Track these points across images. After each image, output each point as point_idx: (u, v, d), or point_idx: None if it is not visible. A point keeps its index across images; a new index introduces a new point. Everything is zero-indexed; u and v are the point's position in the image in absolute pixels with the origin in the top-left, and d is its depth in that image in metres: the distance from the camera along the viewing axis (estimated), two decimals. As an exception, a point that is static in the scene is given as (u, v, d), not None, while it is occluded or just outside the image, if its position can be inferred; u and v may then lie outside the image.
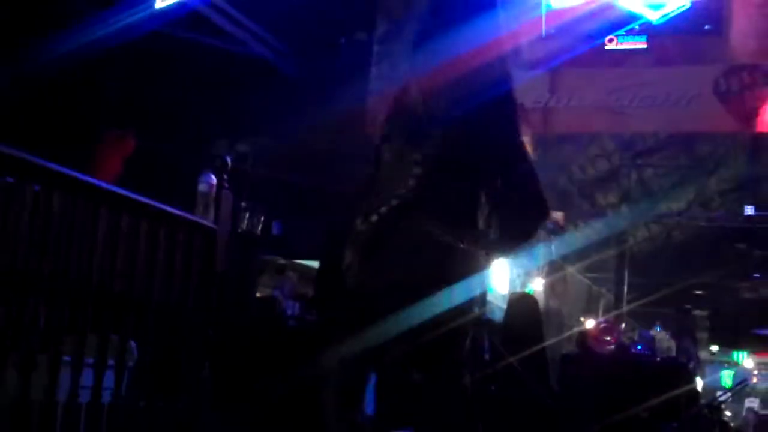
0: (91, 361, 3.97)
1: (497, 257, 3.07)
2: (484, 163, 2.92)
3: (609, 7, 9.85)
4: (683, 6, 9.63)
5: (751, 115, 9.29)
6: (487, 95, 2.91)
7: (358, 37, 10.42)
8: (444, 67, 2.93)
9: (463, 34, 2.96)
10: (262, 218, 5.55)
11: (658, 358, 8.17)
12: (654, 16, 9.72)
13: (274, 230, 9.30)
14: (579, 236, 13.30)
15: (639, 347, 8.52)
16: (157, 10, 8.33)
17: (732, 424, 13.52)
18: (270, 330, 5.75)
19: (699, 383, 9.93)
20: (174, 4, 8.35)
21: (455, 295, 2.88)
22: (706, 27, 9.71)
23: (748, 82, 9.26)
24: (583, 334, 8.49)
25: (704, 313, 18.11)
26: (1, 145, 3.46)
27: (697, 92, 9.44)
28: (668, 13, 9.68)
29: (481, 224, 2.93)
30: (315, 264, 5.70)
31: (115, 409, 4.06)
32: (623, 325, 11.97)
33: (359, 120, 9.04)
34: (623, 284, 13.76)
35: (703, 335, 18.48)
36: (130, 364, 4.33)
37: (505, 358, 6.01)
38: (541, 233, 12.77)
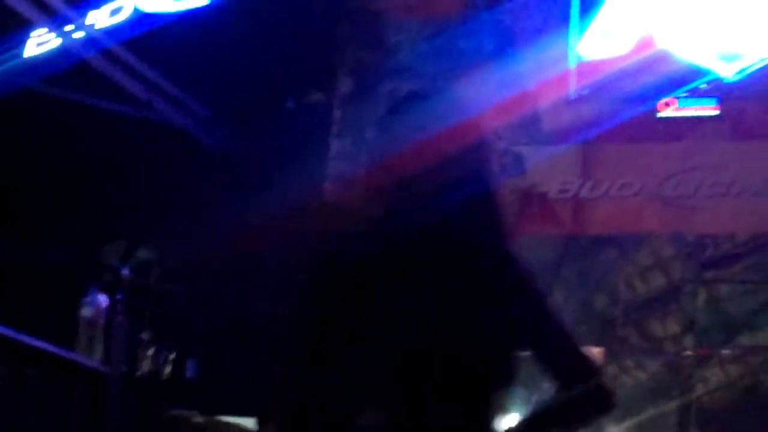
0: None
1: None
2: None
3: (664, 59, 9.99)
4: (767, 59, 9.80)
5: None
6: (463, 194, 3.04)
7: (313, 99, 10.54)
8: (413, 149, 3.04)
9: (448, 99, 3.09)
10: (172, 356, 5.53)
11: None
12: (728, 72, 9.87)
13: (189, 373, 9.24)
14: (625, 381, 13.28)
15: None
16: (26, 59, 8.39)
17: None
18: None
19: None
20: (50, 52, 8.43)
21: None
22: (799, 87, 9.89)
23: None
24: None
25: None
26: None
27: (791, 178, 9.59)
28: (746, 67, 9.84)
29: None
30: (248, 422, 5.66)
31: None
32: None
33: (314, 215, 9.08)
34: (690, 453, 13.72)
35: None
36: None
37: None
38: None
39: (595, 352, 12.49)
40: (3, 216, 7.45)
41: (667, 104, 10.00)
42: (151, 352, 5.37)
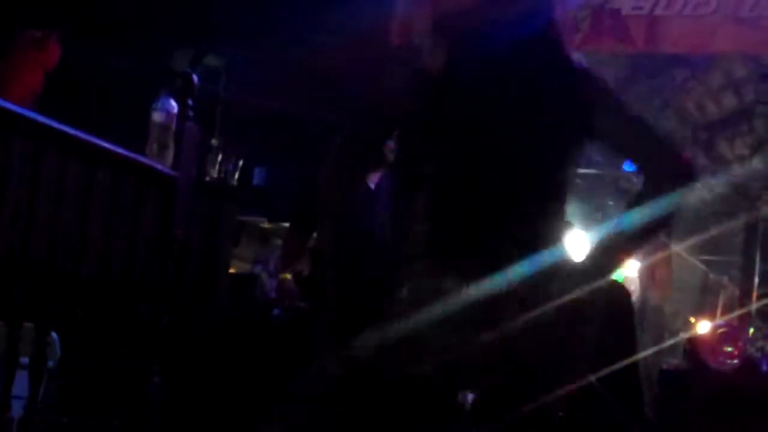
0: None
1: None
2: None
3: None
4: None
5: None
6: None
7: None
8: None
9: None
10: (240, 162, 5.58)
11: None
12: None
13: (257, 180, 9.35)
14: (692, 200, 13.25)
15: (773, 363, 8.54)
16: None
17: None
18: (247, 321, 5.80)
19: None
20: None
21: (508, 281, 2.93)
22: None
23: None
24: (694, 342, 8.51)
25: None
26: None
27: None
28: None
29: None
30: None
31: (27, 425, 4.12)
32: (752, 330, 11.96)
33: (381, 29, 9.01)
34: (753, 272, 13.72)
35: None
36: (51, 363, 4.39)
37: (581, 372, 6.04)
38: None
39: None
40: (81, 22, 7.48)
41: None
42: (219, 158, 5.42)
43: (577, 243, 12.98)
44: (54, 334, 4.45)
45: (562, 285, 3.05)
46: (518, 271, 2.87)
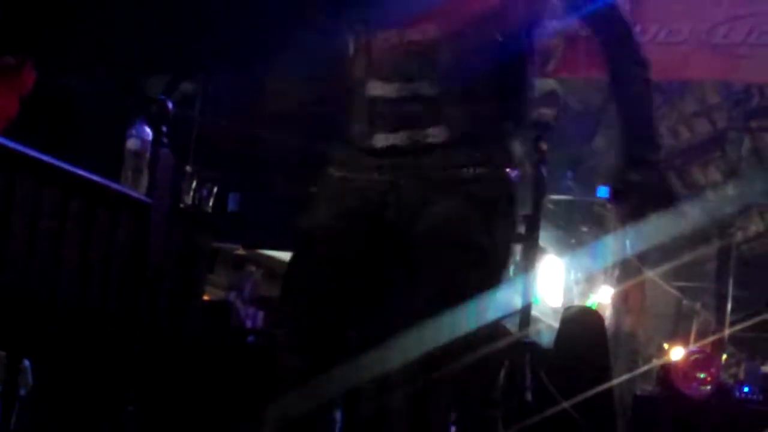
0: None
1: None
2: None
3: None
4: None
5: None
6: None
7: None
8: None
9: None
10: (215, 189, 5.58)
11: (774, 406, 8.22)
12: None
13: (231, 206, 9.34)
14: (665, 227, 13.30)
15: (746, 389, 8.56)
16: None
17: None
18: (221, 348, 5.79)
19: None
20: None
21: (483, 308, 2.91)
22: None
23: None
24: (668, 369, 8.53)
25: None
26: None
27: None
28: None
29: None
30: (286, 256, 5.72)
31: (0, 454, 4.11)
32: (725, 357, 12.01)
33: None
34: (726, 298, 13.79)
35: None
36: (23, 392, 4.38)
37: (556, 400, 6.05)
38: (612, 222, 12.82)
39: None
40: (55, 48, 7.48)
41: (720, -51, 9.84)
42: (194, 184, 5.42)
43: (552, 268, 13.05)
44: (26, 362, 4.44)
45: None
46: None
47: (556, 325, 7.60)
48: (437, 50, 2.84)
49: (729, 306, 13.67)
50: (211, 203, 5.51)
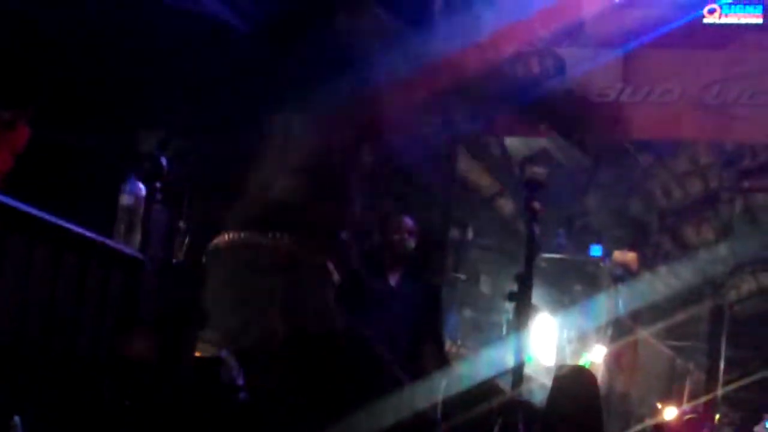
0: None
1: None
2: None
3: (710, -36, 9.94)
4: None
5: None
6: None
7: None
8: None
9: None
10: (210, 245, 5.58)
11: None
12: (774, -21, 9.82)
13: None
14: (658, 287, 13.33)
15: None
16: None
17: None
18: (212, 406, 5.77)
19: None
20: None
21: (476, 366, 2.94)
22: None
23: None
24: (661, 429, 8.53)
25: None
26: None
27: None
28: (794, -25, 9.77)
29: None
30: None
31: None
32: (718, 416, 11.98)
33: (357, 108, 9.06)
34: (719, 357, 13.80)
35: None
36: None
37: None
38: (605, 280, 12.84)
39: (629, 256, 12.54)
40: (49, 104, 7.50)
41: (711, 11, 9.93)
42: (187, 240, 5.43)
43: (544, 327, 13.03)
44: (16, 417, 4.42)
45: None
46: None
47: (549, 383, 7.59)
48: None
49: (722, 365, 13.68)
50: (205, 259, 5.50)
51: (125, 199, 4.97)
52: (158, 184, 5.03)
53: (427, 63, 3.02)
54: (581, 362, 12.39)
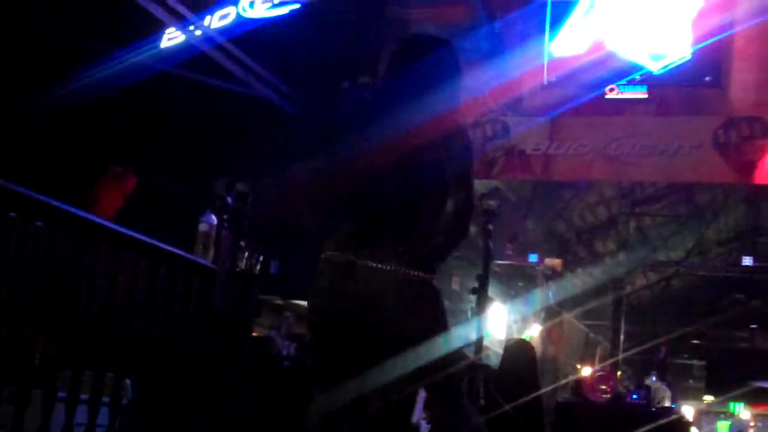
0: (85, 397, 3.97)
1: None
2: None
3: (610, 57, 9.95)
4: (684, 58, 9.72)
5: (749, 166, 9.35)
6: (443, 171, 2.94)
7: (362, 80, 10.48)
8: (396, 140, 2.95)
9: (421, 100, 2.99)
10: (261, 258, 5.56)
11: (654, 408, 8.15)
12: (655, 67, 9.81)
13: (272, 269, 9.30)
14: (576, 283, 13.30)
15: (635, 396, 8.50)
16: (163, 49, 8.41)
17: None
18: (265, 371, 5.74)
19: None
20: (180, 44, 8.44)
21: (451, 340, 2.90)
22: (707, 79, 9.78)
23: (746, 134, 9.32)
24: (579, 382, 8.48)
25: (701, 362, 18.07)
26: (5, 181, 3.50)
27: (697, 143, 9.49)
28: (669, 64, 9.76)
29: None
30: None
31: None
32: (619, 373, 11.92)
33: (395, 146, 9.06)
34: (620, 332, 13.74)
35: (699, 385, 18.41)
36: (124, 401, 4.33)
37: (500, 404, 6.00)
38: (539, 279, 12.81)
39: (556, 261, 12.51)
40: (150, 160, 7.49)
41: (612, 89, 9.95)
42: (246, 254, 5.41)
43: (497, 312, 12.94)
44: (127, 381, 4.40)
45: None
46: None
47: (501, 351, 7.56)
48: None
49: (622, 338, 13.65)
50: (258, 268, 5.49)
51: (202, 227, 4.96)
52: (225, 216, 5.02)
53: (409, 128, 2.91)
54: (524, 336, 12.35)
